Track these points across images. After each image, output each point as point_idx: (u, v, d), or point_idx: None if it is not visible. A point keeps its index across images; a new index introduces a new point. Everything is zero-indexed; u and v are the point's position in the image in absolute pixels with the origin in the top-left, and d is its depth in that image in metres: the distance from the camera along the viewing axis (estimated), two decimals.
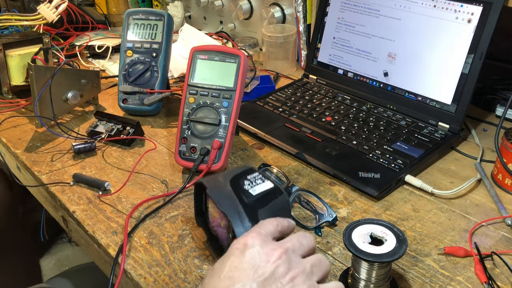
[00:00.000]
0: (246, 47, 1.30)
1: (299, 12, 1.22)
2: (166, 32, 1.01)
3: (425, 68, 0.93)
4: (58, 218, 0.85)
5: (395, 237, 0.56)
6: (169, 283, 0.62)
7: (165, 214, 0.74)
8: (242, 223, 0.56)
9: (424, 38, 0.92)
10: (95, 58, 1.34)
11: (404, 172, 0.80)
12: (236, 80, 0.81)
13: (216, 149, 0.80)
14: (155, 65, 1.00)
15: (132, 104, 1.01)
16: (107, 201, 0.78)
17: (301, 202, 0.75)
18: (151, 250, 0.67)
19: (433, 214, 0.73)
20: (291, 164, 0.86)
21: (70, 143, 0.92)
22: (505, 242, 0.67)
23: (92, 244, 0.73)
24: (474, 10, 0.85)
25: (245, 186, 0.60)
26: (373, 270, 0.56)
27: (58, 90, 0.97)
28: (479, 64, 0.85)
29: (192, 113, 0.82)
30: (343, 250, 0.67)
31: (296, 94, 1.06)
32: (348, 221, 0.72)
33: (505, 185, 0.78)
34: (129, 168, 0.86)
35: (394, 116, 0.95)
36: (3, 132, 0.99)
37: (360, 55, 1.03)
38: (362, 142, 0.87)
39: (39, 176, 0.85)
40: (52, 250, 1.97)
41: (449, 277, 0.62)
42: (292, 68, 1.26)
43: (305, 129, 0.93)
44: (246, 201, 0.58)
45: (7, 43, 1.05)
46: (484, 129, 0.97)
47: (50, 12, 1.21)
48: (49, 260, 1.93)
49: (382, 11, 0.98)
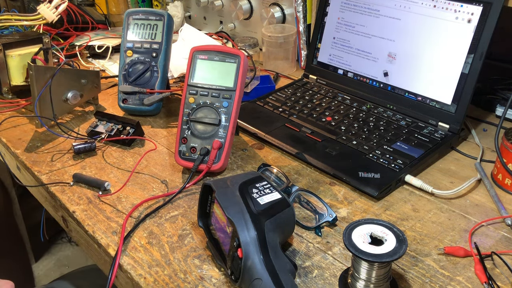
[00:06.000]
0: (246, 47, 1.30)
1: (299, 12, 1.22)
2: (166, 32, 1.01)
3: (425, 68, 0.93)
4: (58, 218, 0.85)
5: (395, 237, 0.56)
6: (169, 283, 0.62)
7: (165, 214, 0.74)
8: (248, 232, 0.56)
9: (424, 38, 0.92)
10: (95, 58, 1.34)
11: (404, 172, 0.80)
12: (236, 80, 0.81)
13: (216, 149, 0.80)
14: (155, 65, 1.00)
15: (132, 104, 1.01)
16: (107, 201, 0.78)
17: (301, 202, 0.75)
18: (151, 250, 0.67)
19: (433, 214, 0.73)
20: (291, 164, 0.86)
21: (70, 143, 0.92)
22: (505, 242, 0.67)
23: (92, 244, 0.73)
24: (474, 10, 0.85)
25: (253, 194, 0.61)
26: (373, 270, 0.56)
27: (58, 90, 0.97)
28: (479, 64, 0.85)
29: (192, 113, 0.82)
30: (343, 250, 0.67)
31: (296, 94, 1.06)
32: (348, 221, 0.72)
33: (505, 185, 0.78)
34: (129, 168, 0.86)
35: (394, 116, 0.95)
36: (3, 132, 0.99)
37: (360, 55, 1.03)
38: (362, 142, 0.87)
39: (39, 176, 0.85)
40: (52, 250, 1.97)
41: (449, 277, 0.62)
42: (292, 68, 1.26)
43: (305, 129, 0.93)
44: (254, 211, 0.58)
45: (7, 43, 1.05)
46: (484, 129, 0.97)
47: (50, 12, 1.21)
48: (49, 260, 1.94)
49: (382, 11, 0.98)
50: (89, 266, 1.16)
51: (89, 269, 1.14)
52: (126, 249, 0.68)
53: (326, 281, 0.62)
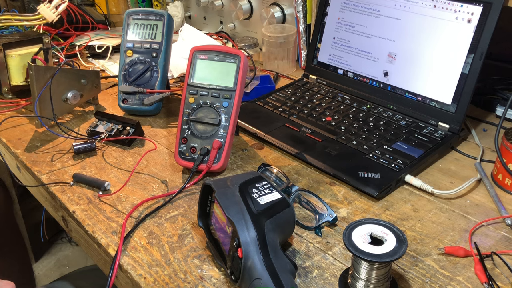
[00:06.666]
0: (246, 47, 1.30)
1: (299, 12, 1.22)
2: (166, 32, 1.01)
3: (425, 68, 0.93)
4: (58, 218, 0.85)
5: (395, 237, 0.56)
6: (169, 283, 0.62)
7: (165, 214, 0.74)
8: (248, 232, 0.56)
9: (424, 38, 0.92)
10: (95, 58, 1.34)
11: (404, 172, 0.80)
12: (236, 80, 0.81)
13: (216, 149, 0.80)
14: (155, 65, 1.00)
15: (132, 104, 1.01)
16: (107, 201, 0.78)
17: (301, 202, 0.75)
18: (151, 250, 0.67)
19: (433, 214, 0.73)
20: (291, 164, 0.86)
21: (70, 143, 0.92)
22: (505, 242, 0.67)
23: (92, 244, 0.73)
24: (474, 10, 0.85)
25: (253, 194, 0.61)
26: (373, 270, 0.56)
27: (58, 90, 0.97)
28: (479, 64, 0.85)
29: (192, 113, 0.82)
30: (343, 250, 0.67)
31: (296, 94, 1.06)
32: (348, 221, 0.72)
33: (505, 185, 0.78)
34: (129, 168, 0.86)
35: (394, 116, 0.95)
36: (3, 132, 0.99)
37: (360, 55, 1.03)
38: (362, 142, 0.87)
39: (39, 176, 0.85)
40: (52, 250, 1.97)
41: (449, 277, 0.62)
42: (292, 68, 1.26)
43: (305, 129, 0.93)
44: (254, 211, 0.58)
45: (7, 43, 1.05)
46: (484, 129, 0.97)
47: (50, 12, 1.21)
48: (49, 260, 1.94)
49: (382, 11, 0.98)
50: (89, 266, 1.16)
51: (89, 269, 1.14)
52: (126, 249, 0.68)
53: (326, 281, 0.62)
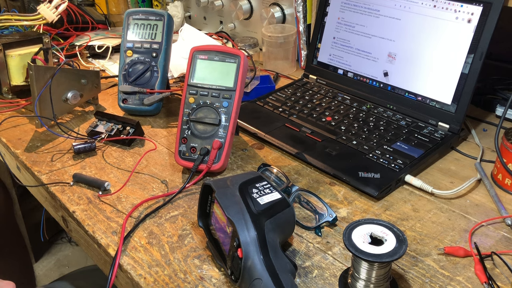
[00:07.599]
0: (246, 47, 1.30)
1: (299, 12, 1.22)
2: (166, 32, 1.01)
3: (425, 68, 0.93)
4: (58, 218, 0.85)
5: (395, 237, 0.56)
6: (169, 283, 0.62)
7: (165, 214, 0.74)
8: (248, 232, 0.56)
9: (424, 38, 0.92)
10: (95, 58, 1.34)
11: (404, 172, 0.80)
12: (236, 80, 0.81)
13: (216, 149, 0.80)
14: (155, 65, 1.00)
15: (132, 104, 1.01)
16: (107, 201, 0.78)
17: (301, 202, 0.75)
18: (151, 250, 0.67)
19: (433, 214, 0.73)
20: (291, 164, 0.86)
21: (70, 143, 0.92)
22: (505, 242, 0.67)
23: (92, 244, 0.73)
24: (474, 10, 0.85)
25: (253, 194, 0.61)
26: (373, 270, 0.56)
27: (58, 90, 0.97)
28: (479, 64, 0.85)
29: (192, 113, 0.82)
30: (343, 250, 0.67)
31: (296, 94, 1.06)
32: (348, 221, 0.72)
33: (505, 185, 0.78)
34: (129, 168, 0.86)
35: (394, 116, 0.95)
36: (3, 132, 0.99)
37: (360, 55, 1.03)
38: (362, 142, 0.87)
39: (39, 176, 0.85)
40: (52, 250, 1.97)
41: (449, 277, 0.62)
42: (292, 68, 1.26)
43: (305, 129, 0.93)
44: (254, 211, 0.58)
45: (7, 43, 1.05)
46: (484, 129, 0.97)
47: (50, 12, 1.21)
48: (49, 260, 1.94)
49: (382, 11, 0.98)
50: (89, 266, 1.16)
51: (89, 269, 1.14)
52: (126, 249, 0.68)
53: (326, 281, 0.62)
